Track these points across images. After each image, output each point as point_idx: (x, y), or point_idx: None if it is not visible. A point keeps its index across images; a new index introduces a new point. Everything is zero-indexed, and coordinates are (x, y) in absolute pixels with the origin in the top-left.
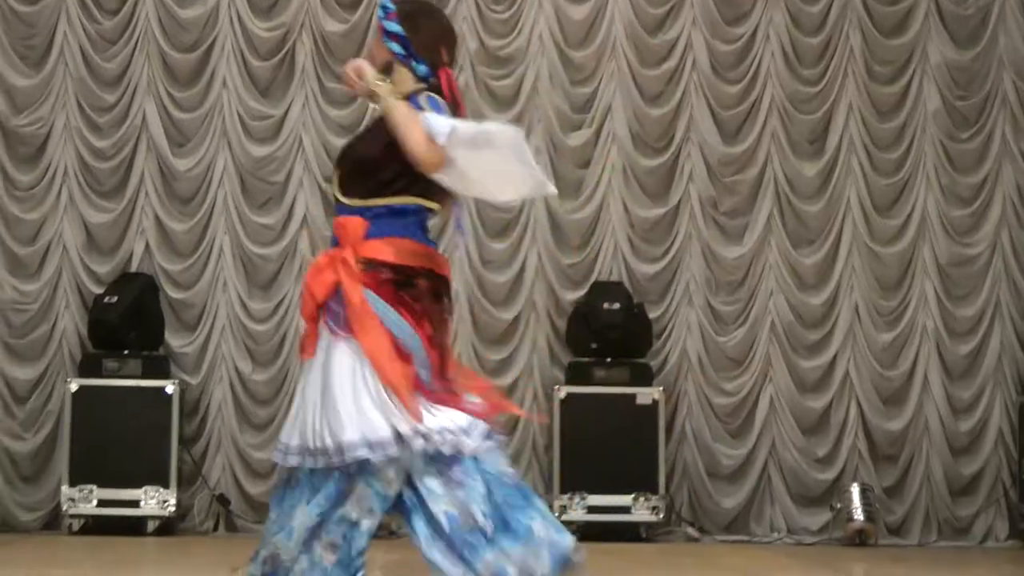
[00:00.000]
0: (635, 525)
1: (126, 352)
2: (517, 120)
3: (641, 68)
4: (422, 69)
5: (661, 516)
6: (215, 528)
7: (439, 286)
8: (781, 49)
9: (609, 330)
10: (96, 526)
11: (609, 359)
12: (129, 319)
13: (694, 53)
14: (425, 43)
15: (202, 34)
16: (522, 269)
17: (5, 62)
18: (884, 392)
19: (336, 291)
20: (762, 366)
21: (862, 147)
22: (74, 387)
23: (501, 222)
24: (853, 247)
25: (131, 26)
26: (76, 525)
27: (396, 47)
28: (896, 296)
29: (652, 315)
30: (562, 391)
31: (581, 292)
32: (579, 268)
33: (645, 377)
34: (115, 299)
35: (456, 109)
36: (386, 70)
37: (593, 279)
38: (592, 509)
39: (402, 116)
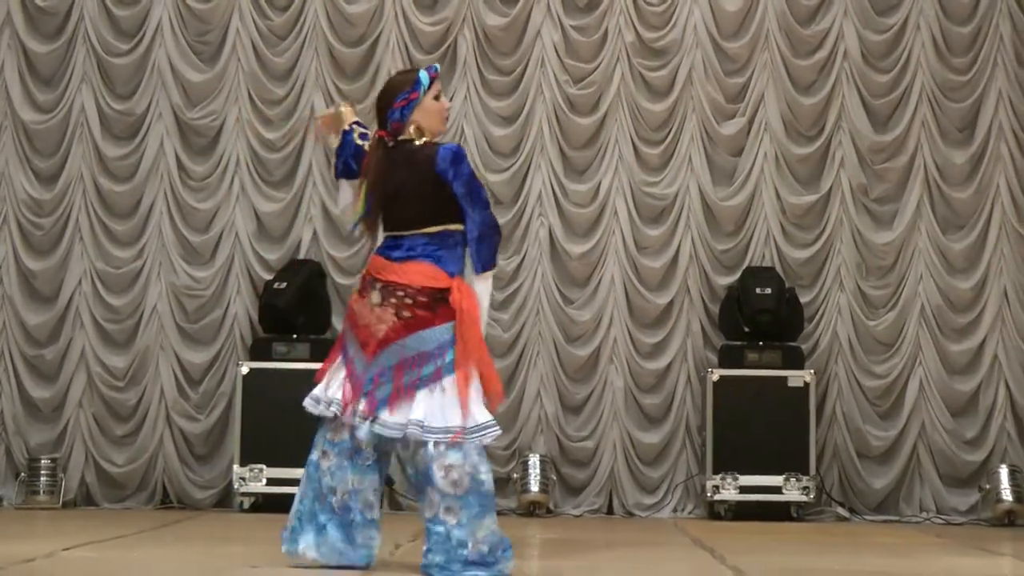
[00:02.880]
0: (786, 505)
1: (295, 336)
2: (672, 110)
3: (793, 58)
4: None
5: (812, 496)
6: (380, 506)
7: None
8: (932, 38)
9: (761, 314)
10: (265, 504)
11: (761, 343)
12: (297, 304)
13: (845, 43)
14: None
15: (368, 29)
16: (676, 255)
17: (181, 58)
18: None
19: None
20: (912, 349)
21: (1011, 134)
22: (245, 370)
23: (656, 209)
24: (1002, 232)
25: (300, 22)
26: (247, 503)
27: None
28: None
29: (803, 299)
30: (715, 374)
31: (734, 277)
32: (732, 254)
33: (796, 360)
34: (284, 285)
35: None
36: None
37: (746, 264)
38: (744, 489)
39: None
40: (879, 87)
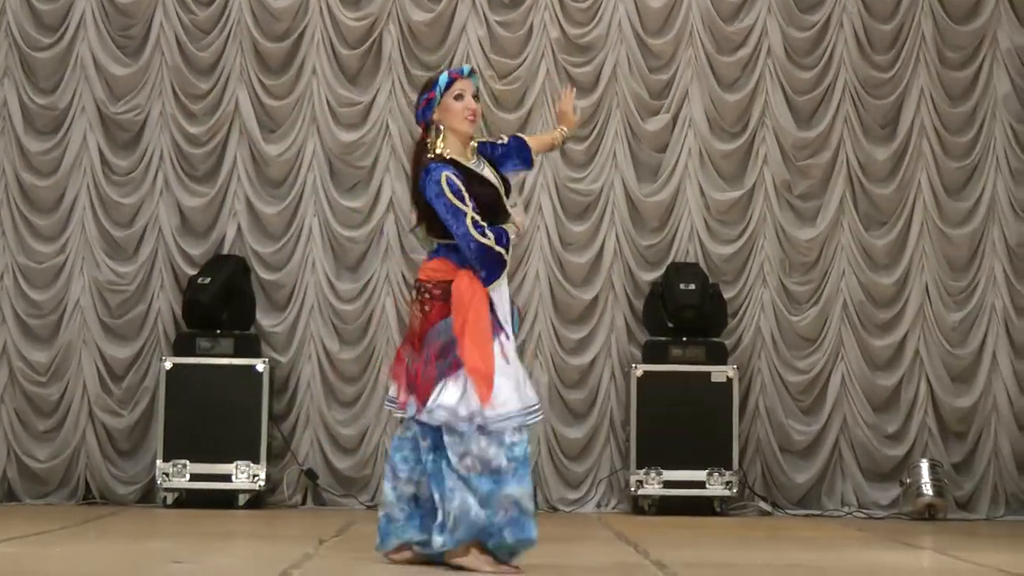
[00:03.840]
0: (709, 500)
1: (219, 331)
2: (596, 106)
3: (717, 55)
4: None
5: (735, 491)
6: (303, 502)
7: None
8: (854, 36)
9: (685, 310)
10: (189, 499)
11: (685, 338)
12: (222, 299)
13: (769, 40)
14: None
15: (292, 23)
16: (601, 250)
17: (104, 52)
18: (953, 370)
19: None
20: (834, 345)
21: (933, 131)
22: (169, 365)
23: (581, 205)
24: (924, 229)
25: (224, 16)
26: (170, 498)
27: None
28: (965, 276)
29: (727, 295)
30: (639, 369)
31: (658, 273)
32: (656, 249)
33: (720, 355)
34: (208, 280)
35: None
36: None
37: (670, 260)
38: (668, 484)
39: None
40: (802, 84)
